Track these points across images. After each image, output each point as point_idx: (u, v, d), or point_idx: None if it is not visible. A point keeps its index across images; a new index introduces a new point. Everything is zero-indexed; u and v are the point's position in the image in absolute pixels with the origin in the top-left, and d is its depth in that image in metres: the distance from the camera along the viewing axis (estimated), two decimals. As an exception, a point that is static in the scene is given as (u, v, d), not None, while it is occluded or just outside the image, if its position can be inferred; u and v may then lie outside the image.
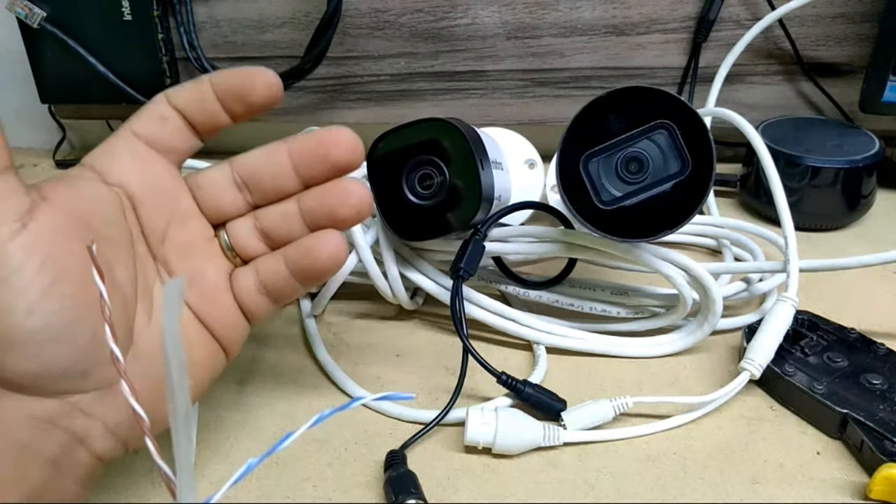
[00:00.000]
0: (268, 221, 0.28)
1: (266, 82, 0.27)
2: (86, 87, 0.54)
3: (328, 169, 0.27)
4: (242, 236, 0.29)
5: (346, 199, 0.27)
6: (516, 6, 0.53)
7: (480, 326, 0.37)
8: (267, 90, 0.27)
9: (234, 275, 0.29)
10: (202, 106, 0.27)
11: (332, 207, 0.27)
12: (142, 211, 0.27)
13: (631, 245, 0.34)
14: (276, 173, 0.28)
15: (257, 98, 0.27)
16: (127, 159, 0.27)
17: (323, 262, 0.27)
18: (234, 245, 0.29)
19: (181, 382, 0.18)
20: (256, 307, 0.28)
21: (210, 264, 0.28)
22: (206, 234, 0.28)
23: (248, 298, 0.28)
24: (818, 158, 0.47)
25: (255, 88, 0.27)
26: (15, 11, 0.51)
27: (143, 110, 0.28)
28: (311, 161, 0.27)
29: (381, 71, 0.56)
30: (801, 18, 0.52)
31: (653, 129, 0.32)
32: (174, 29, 0.54)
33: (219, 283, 0.28)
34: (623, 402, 0.32)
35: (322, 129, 0.28)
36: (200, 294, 0.28)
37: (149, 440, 0.19)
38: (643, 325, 0.38)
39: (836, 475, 0.30)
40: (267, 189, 0.28)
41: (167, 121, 0.28)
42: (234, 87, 0.27)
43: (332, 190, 0.28)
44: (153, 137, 0.27)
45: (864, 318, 0.39)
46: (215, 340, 0.28)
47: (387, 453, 0.31)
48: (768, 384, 0.34)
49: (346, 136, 0.27)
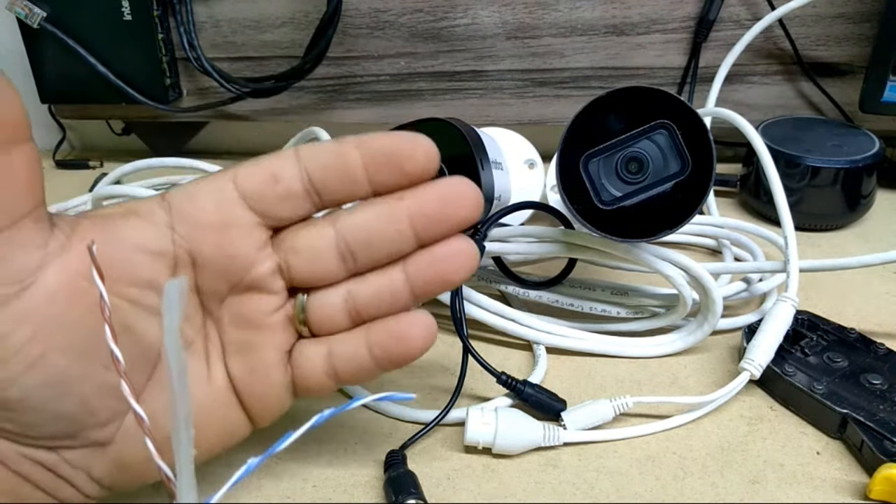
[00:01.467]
0: (365, 294, 0.25)
1: (426, 151, 0.23)
2: (86, 87, 0.54)
3: (451, 229, 0.24)
4: (327, 310, 0.25)
5: (461, 260, 0.24)
6: (516, 6, 0.53)
7: (480, 326, 0.37)
8: (426, 159, 0.23)
9: (296, 349, 0.25)
10: (340, 170, 0.24)
11: (447, 272, 0.24)
12: (201, 274, 0.24)
13: (631, 245, 0.34)
14: (393, 239, 0.24)
15: (415, 167, 0.23)
16: (210, 212, 0.23)
17: (415, 347, 0.25)
18: (310, 317, 0.25)
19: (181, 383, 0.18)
20: (317, 388, 0.25)
21: (267, 339, 0.25)
22: (273, 306, 0.25)
23: (310, 378, 0.25)
24: (818, 158, 0.47)
25: (413, 156, 0.23)
26: (15, 11, 0.51)
27: (257, 160, 0.24)
28: (435, 222, 0.24)
29: (381, 71, 0.56)
30: (801, 18, 0.52)
31: (653, 129, 0.32)
32: (174, 29, 0.54)
33: (272, 362, 0.25)
34: (623, 402, 0.32)
35: (441, 184, 0.24)
36: (247, 368, 0.25)
37: (149, 440, 0.19)
38: (643, 325, 0.38)
39: (836, 475, 0.30)
40: (378, 257, 0.24)
41: (280, 183, 0.24)
42: (389, 153, 0.23)
43: (445, 252, 0.24)
44: (255, 196, 0.24)
45: (864, 318, 0.39)
46: (244, 413, 0.25)
47: (387, 453, 0.31)
48: (768, 384, 0.34)
49: (470, 191, 0.24)
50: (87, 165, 0.61)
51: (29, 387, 0.21)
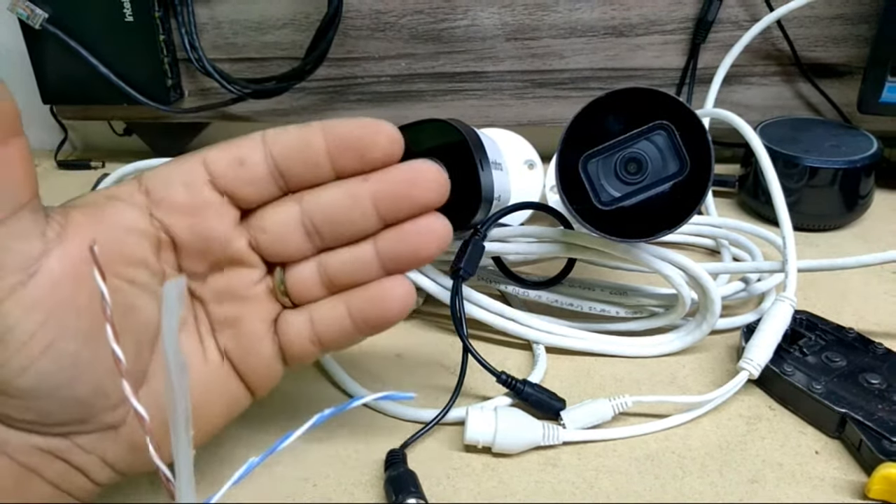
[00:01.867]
0: (336, 266, 0.26)
1: (390, 137, 0.24)
2: (87, 87, 0.55)
3: (415, 210, 0.25)
4: (302, 281, 0.26)
5: (430, 237, 0.25)
6: (516, 7, 0.53)
7: (480, 326, 0.37)
8: (389, 145, 0.24)
9: (281, 318, 0.26)
10: (304, 155, 0.24)
11: (415, 247, 0.25)
12: (182, 254, 0.25)
13: (630, 245, 0.34)
14: (356, 218, 0.25)
15: (378, 154, 0.24)
16: (182, 193, 0.24)
17: (393, 310, 0.25)
18: (289, 289, 0.26)
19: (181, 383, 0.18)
20: (303, 354, 0.26)
21: (252, 311, 0.26)
22: (252, 278, 0.26)
23: (296, 345, 0.26)
24: (816, 159, 0.47)
25: (376, 143, 0.24)
26: (17, 12, 0.51)
27: (226, 144, 0.25)
28: (398, 203, 0.25)
29: (382, 72, 0.56)
30: (799, 19, 0.52)
31: (651, 129, 0.32)
32: (175, 30, 0.54)
33: (258, 330, 0.26)
34: (622, 402, 0.32)
35: (405, 166, 0.25)
36: (236, 341, 0.26)
37: (149, 440, 0.19)
38: (642, 324, 0.38)
39: (835, 474, 0.30)
40: (343, 234, 0.25)
41: (245, 165, 0.24)
42: (352, 138, 0.24)
43: (415, 228, 0.25)
44: (223, 179, 0.24)
45: (863, 318, 0.40)
46: (242, 383, 0.26)
47: (387, 453, 0.31)
48: (767, 384, 0.34)
49: (434, 174, 0.25)
50: (88, 166, 0.61)
51: (43, 373, 0.21)
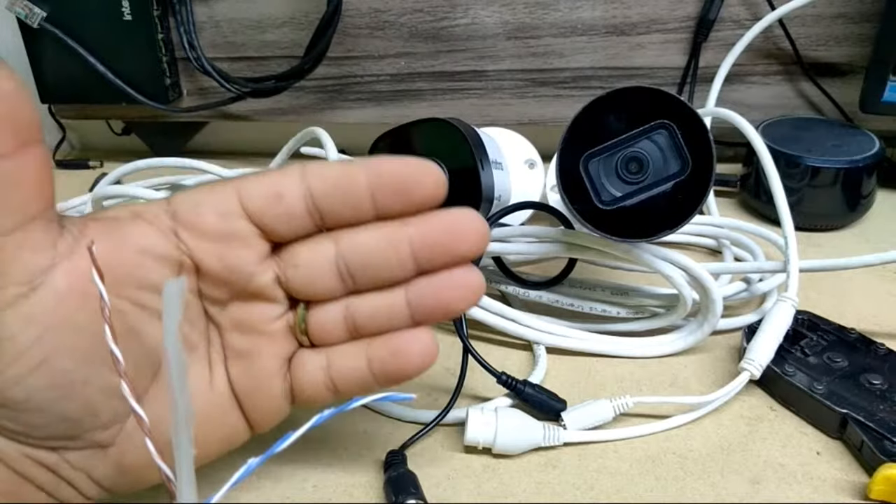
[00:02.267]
0: (363, 311, 0.25)
1: (436, 179, 0.23)
2: (86, 87, 0.54)
3: (453, 261, 0.24)
4: (326, 322, 0.25)
5: (464, 291, 0.24)
6: (516, 6, 0.53)
7: (480, 326, 0.37)
8: (435, 187, 0.23)
9: (296, 358, 0.25)
10: (345, 194, 0.23)
11: (450, 300, 0.24)
12: (204, 280, 0.24)
13: (631, 245, 0.34)
14: (392, 264, 0.24)
15: (422, 198, 0.23)
16: (212, 221, 0.23)
17: (413, 364, 0.24)
18: (310, 329, 0.25)
19: (181, 383, 0.18)
20: (314, 398, 0.25)
21: (268, 346, 0.25)
22: (273, 313, 0.25)
23: (308, 388, 0.25)
24: (818, 158, 0.47)
25: (422, 185, 0.23)
26: (15, 11, 0.51)
27: (262, 176, 0.24)
28: (436, 252, 0.24)
29: (381, 71, 0.56)
30: (801, 18, 0.52)
31: (653, 129, 0.32)
32: (174, 29, 0.54)
33: (271, 369, 0.25)
34: (623, 402, 0.32)
35: (448, 214, 0.24)
36: (247, 374, 0.25)
37: (148, 440, 0.19)
38: (643, 325, 0.38)
39: (836, 475, 0.30)
40: (376, 279, 0.24)
41: (282, 200, 0.23)
42: (398, 179, 0.23)
43: (450, 281, 0.24)
44: (257, 212, 0.23)
45: (864, 318, 0.39)
46: (244, 418, 0.26)
47: (387, 453, 0.31)
48: (768, 384, 0.34)
49: (475, 223, 0.24)
50: (87, 165, 0.61)
51: (34, 388, 0.21)
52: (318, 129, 0.42)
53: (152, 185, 0.50)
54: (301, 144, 0.44)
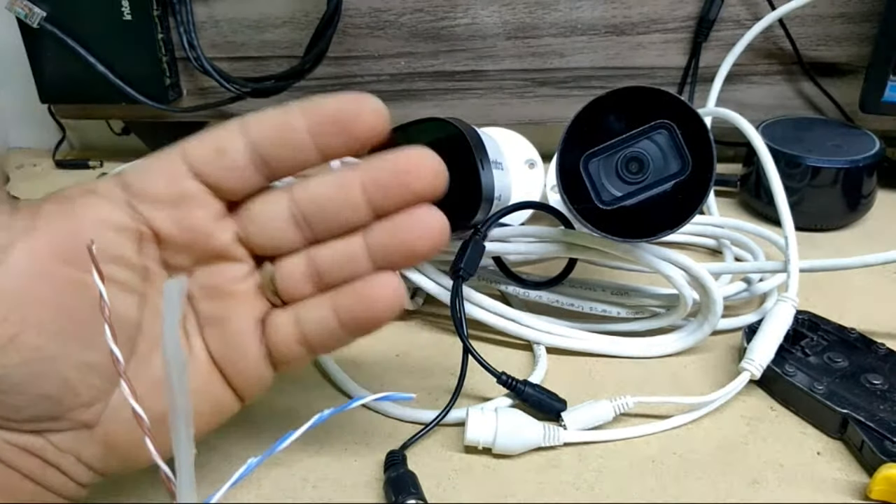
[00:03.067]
0: (325, 261, 0.24)
1: (373, 110, 0.23)
2: (85, 86, 0.54)
3: (408, 200, 0.24)
4: (291, 276, 0.25)
5: (423, 231, 0.24)
6: (516, 6, 0.53)
7: (480, 326, 0.37)
8: (374, 119, 0.23)
9: (268, 318, 0.25)
10: (285, 138, 0.23)
11: (409, 242, 0.24)
12: (166, 248, 0.24)
13: (631, 245, 0.34)
14: (345, 208, 0.24)
15: (362, 128, 0.23)
16: (162, 186, 0.23)
17: (380, 310, 0.24)
18: (279, 286, 0.25)
19: (181, 382, 0.18)
20: (291, 357, 0.25)
21: (239, 308, 0.25)
22: (239, 273, 0.25)
23: (282, 347, 0.25)
24: (818, 158, 0.47)
25: (359, 116, 0.23)
26: (14, 11, 0.51)
27: (203, 135, 0.24)
28: (390, 192, 0.23)
29: (381, 71, 0.56)
30: (801, 18, 0.52)
31: (653, 128, 0.32)
32: (174, 29, 0.54)
33: (245, 330, 0.25)
34: (623, 403, 0.32)
35: (399, 153, 0.24)
36: (222, 340, 0.25)
37: (148, 440, 0.19)
38: (643, 325, 0.38)
39: (837, 475, 0.30)
40: (332, 225, 0.24)
41: (225, 154, 0.23)
42: (333, 114, 0.23)
43: (408, 222, 0.24)
44: (203, 170, 0.23)
45: (865, 319, 0.39)
46: (230, 388, 0.25)
47: (387, 453, 0.31)
48: (768, 384, 0.34)
49: (429, 161, 0.24)
50: (86, 165, 0.61)
51: (5, 366, 0.21)
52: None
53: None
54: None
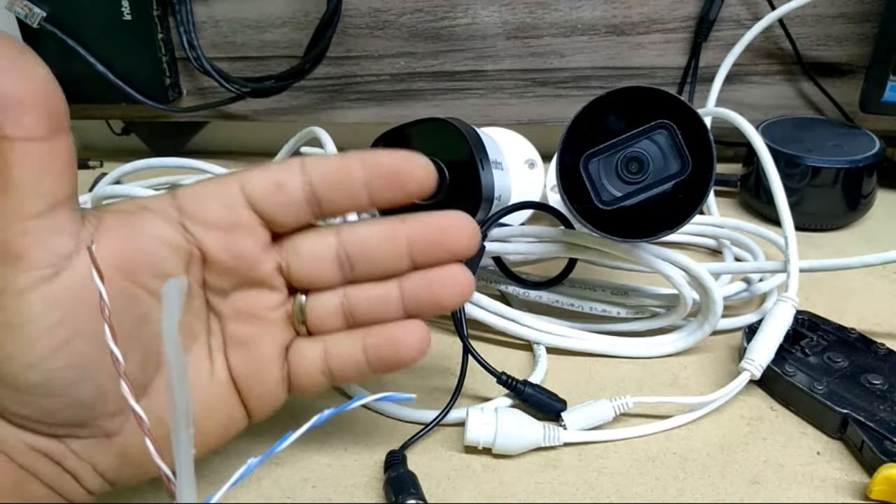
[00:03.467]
0: (360, 301, 0.26)
1: (425, 169, 0.25)
2: (85, 86, 0.54)
3: (447, 258, 0.26)
4: (324, 311, 0.26)
5: (454, 287, 0.26)
6: (516, 6, 0.53)
7: (480, 326, 0.37)
8: (425, 177, 0.25)
9: (294, 346, 0.26)
10: (343, 184, 0.25)
11: (440, 296, 0.26)
12: (210, 270, 0.25)
13: (631, 245, 0.34)
14: (390, 257, 0.26)
15: (414, 186, 0.25)
16: (217, 214, 0.24)
17: (408, 354, 0.26)
18: (308, 317, 0.26)
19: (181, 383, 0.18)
20: (311, 385, 0.27)
21: (267, 334, 0.26)
22: (274, 302, 0.26)
23: (305, 375, 0.26)
24: (818, 158, 0.47)
25: (413, 175, 0.25)
26: (14, 11, 0.51)
27: (264, 167, 0.25)
28: (431, 249, 0.26)
29: (381, 71, 0.56)
30: (801, 18, 0.52)
31: (653, 129, 0.32)
32: (174, 29, 0.54)
33: (270, 356, 0.26)
34: (623, 403, 0.32)
35: (443, 216, 0.26)
36: (247, 361, 0.26)
37: (148, 440, 0.19)
38: (643, 325, 0.38)
39: (837, 475, 0.30)
40: (374, 270, 0.26)
41: (283, 189, 0.24)
42: (391, 169, 0.24)
43: (442, 277, 0.26)
44: (260, 201, 0.24)
45: (865, 319, 0.39)
46: (243, 405, 0.26)
47: (387, 453, 0.31)
48: (768, 384, 0.34)
49: (467, 225, 0.26)
50: (86, 165, 0.61)
51: (52, 370, 0.21)
52: (318, 129, 0.42)
53: (152, 185, 0.50)
54: (301, 144, 0.44)
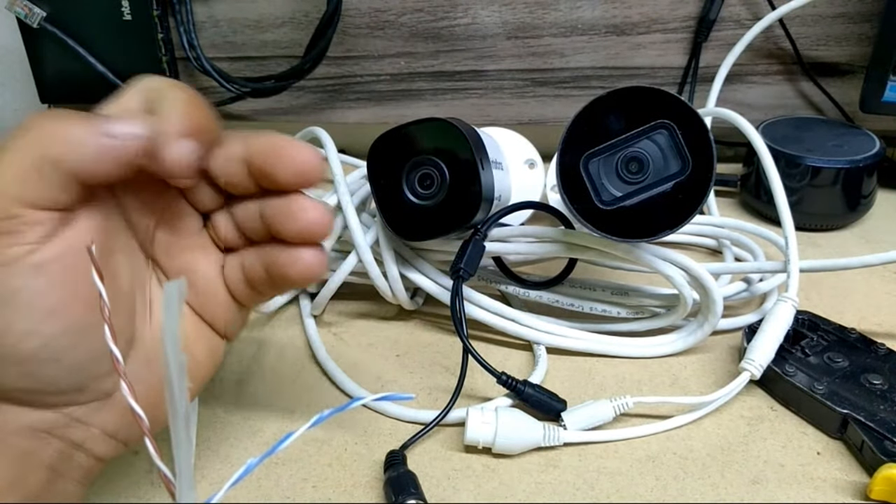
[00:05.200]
0: (244, 217, 0.27)
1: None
2: (85, 86, 0.54)
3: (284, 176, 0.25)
4: (221, 228, 0.27)
5: (296, 220, 0.25)
6: (516, 6, 0.53)
7: (480, 326, 0.37)
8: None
9: (224, 264, 0.28)
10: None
11: (281, 226, 0.25)
12: (130, 212, 0.25)
13: (631, 245, 0.34)
14: (234, 179, 0.25)
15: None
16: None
17: (293, 277, 0.26)
18: (218, 236, 0.27)
19: (181, 383, 0.18)
20: (245, 297, 0.27)
21: (202, 258, 0.27)
22: (195, 226, 0.27)
23: (235, 289, 0.27)
24: (819, 158, 0.47)
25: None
26: (15, 11, 0.51)
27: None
28: (266, 164, 0.25)
29: (381, 71, 0.56)
30: (801, 18, 0.52)
31: (653, 128, 0.32)
32: (174, 29, 0.54)
33: (212, 277, 0.27)
34: (623, 403, 0.32)
35: (278, 138, 0.25)
36: (194, 290, 0.27)
37: (148, 441, 0.19)
38: (643, 325, 0.38)
39: (837, 475, 0.30)
40: (230, 189, 0.26)
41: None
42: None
43: (283, 207, 0.25)
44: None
45: (865, 319, 0.39)
46: (214, 332, 0.27)
47: (387, 453, 0.31)
48: (768, 384, 0.34)
49: (304, 149, 0.25)
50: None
51: (47, 336, 0.21)
52: (318, 128, 0.42)
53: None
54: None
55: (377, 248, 0.37)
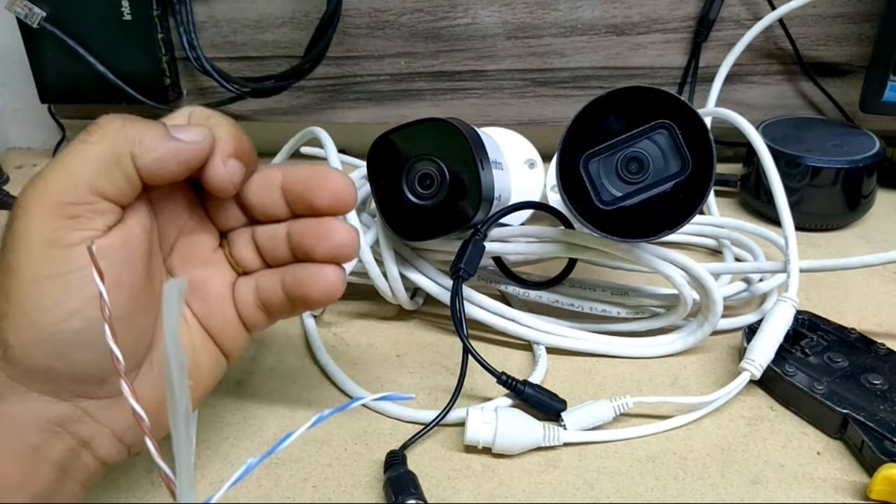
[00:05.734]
0: (264, 240, 0.28)
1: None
2: (85, 86, 0.54)
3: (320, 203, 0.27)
4: (240, 249, 0.28)
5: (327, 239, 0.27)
6: (516, 6, 0.53)
7: (480, 326, 0.37)
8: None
9: (236, 284, 0.29)
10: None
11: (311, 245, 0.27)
12: (160, 220, 0.27)
13: (631, 245, 0.34)
14: (267, 202, 0.27)
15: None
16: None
17: (315, 295, 0.27)
18: (233, 256, 0.29)
19: (181, 383, 0.18)
20: (253, 320, 0.28)
21: (215, 274, 0.28)
22: (212, 244, 0.28)
23: (245, 310, 0.28)
24: (818, 158, 0.47)
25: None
26: (15, 11, 0.51)
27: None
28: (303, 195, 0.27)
29: (381, 71, 0.56)
30: (801, 18, 0.52)
31: (653, 128, 0.32)
32: (174, 29, 0.54)
33: (222, 293, 0.28)
34: (623, 403, 0.32)
35: (314, 168, 0.27)
36: (204, 303, 0.28)
37: (149, 441, 0.19)
38: (643, 325, 0.38)
39: (837, 475, 0.30)
40: (258, 212, 0.28)
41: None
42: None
43: (315, 228, 0.27)
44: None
45: (865, 319, 0.39)
46: (217, 347, 0.28)
47: (387, 453, 0.31)
48: (768, 384, 0.34)
49: (338, 176, 0.27)
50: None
51: (92, 318, 0.22)
52: (318, 128, 0.42)
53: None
54: (301, 144, 0.44)
55: (377, 248, 0.37)
